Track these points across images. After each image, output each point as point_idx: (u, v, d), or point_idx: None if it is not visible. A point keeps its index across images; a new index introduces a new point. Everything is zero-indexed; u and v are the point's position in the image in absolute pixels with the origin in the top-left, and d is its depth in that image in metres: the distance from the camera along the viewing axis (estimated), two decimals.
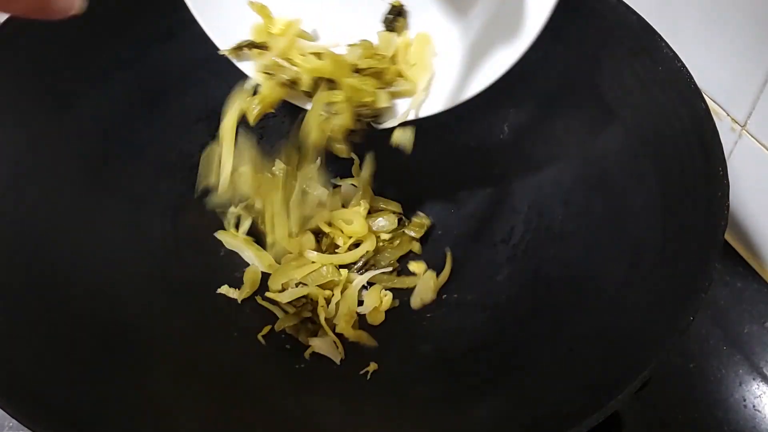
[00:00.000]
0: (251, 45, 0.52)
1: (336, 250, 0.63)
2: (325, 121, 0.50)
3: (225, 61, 0.68)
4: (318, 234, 0.63)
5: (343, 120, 0.50)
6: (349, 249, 0.62)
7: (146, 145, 0.64)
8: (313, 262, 0.60)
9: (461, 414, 0.50)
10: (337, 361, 0.56)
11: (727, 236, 0.66)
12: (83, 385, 0.48)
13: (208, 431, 0.49)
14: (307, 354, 0.56)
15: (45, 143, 0.58)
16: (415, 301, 0.61)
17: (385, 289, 0.61)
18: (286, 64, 0.51)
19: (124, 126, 0.63)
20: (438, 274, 0.61)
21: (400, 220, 0.64)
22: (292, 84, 0.51)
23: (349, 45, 0.51)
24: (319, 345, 0.57)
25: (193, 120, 0.67)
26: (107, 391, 0.49)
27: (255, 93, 0.52)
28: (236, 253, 0.62)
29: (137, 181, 0.63)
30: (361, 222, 0.62)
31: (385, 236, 0.63)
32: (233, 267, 0.62)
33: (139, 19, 0.65)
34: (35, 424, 0.42)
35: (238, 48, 0.53)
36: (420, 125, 0.49)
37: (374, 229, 0.63)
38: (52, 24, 0.60)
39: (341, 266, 0.61)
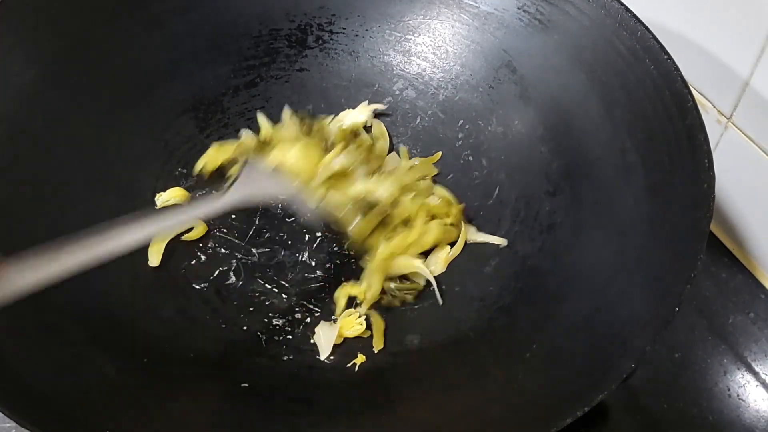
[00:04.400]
0: None
1: None
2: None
3: (211, 52, 0.68)
4: None
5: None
6: None
7: (132, 137, 0.64)
8: None
9: (447, 406, 0.50)
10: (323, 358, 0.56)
11: (713, 227, 0.67)
12: (74, 379, 0.48)
13: (199, 425, 0.49)
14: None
15: (29, 133, 0.58)
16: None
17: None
18: None
19: (109, 117, 0.63)
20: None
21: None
22: None
23: None
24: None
25: (179, 111, 0.66)
26: (98, 385, 0.49)
27: None
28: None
29: (122, 173, 0.62)
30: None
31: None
32: (219, 260, 0.61)
33: (124, 8, 0.64)
34: (22, 417, 0.42)
35: None
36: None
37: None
38: (35, 13, 0.59)
39: None
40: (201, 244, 0.62)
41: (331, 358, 0.56)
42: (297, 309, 0.59)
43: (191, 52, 0.67)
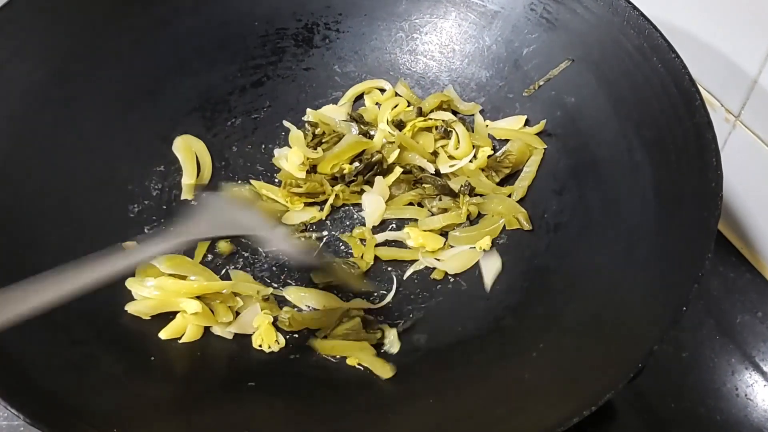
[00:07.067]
0: None
1: None
2: None
3: (218, 51, 0.68)
4: None
5: None
6: None
7: (139, 136, 0.64)
8: None
9: (454, 405, 0.50)
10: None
11: (720, 226, 0.66)
12: (82, 378, 0.48)
13: (205, 423, 0.49)
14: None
15: (37, 132, 0.58)
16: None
17: None
18: None
19: (117, 116, 0.63)
20: None
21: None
22: None
23: None
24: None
25: (186, 110, 0.67)
26: (105, 384, 0.49)
27: None
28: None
29: (129, 172, 0.62)
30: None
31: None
32: (225, 261, 0.62)
33: (132, 8, 0.64)
34: (30, 415, 0.42)
35: None
36: None
37: None
38: (43, 14, 0.59)
39: None
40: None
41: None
42: None
43: (198, 51, 0.67)
